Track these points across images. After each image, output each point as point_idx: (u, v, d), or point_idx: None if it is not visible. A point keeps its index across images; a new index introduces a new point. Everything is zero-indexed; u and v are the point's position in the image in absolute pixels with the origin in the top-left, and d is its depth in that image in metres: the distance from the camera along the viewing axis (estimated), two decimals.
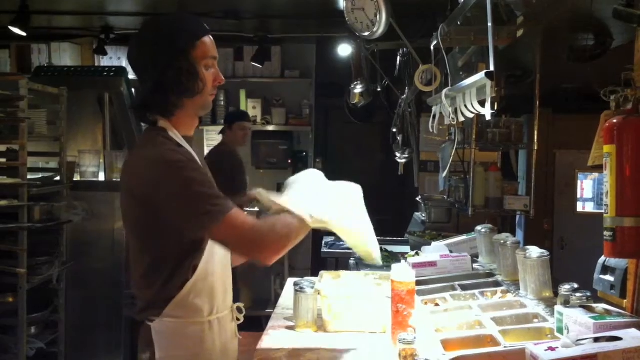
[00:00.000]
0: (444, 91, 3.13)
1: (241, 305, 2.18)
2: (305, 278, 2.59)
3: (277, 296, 3.16)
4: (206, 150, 6.41)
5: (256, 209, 4.81)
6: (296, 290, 2.46)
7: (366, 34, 3.34)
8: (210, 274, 1.97)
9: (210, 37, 1.98)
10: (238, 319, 2.15)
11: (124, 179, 1.99)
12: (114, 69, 4.98)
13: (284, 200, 2.01)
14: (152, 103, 1.97)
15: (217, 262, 1.99)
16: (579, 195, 5.58)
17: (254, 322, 5.79)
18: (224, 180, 2.64)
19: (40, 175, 4.10)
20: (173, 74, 1.91)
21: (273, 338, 2.36)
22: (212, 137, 6.44)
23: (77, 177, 4.41)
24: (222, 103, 6.53)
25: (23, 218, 3.41)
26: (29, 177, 3.62)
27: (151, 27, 2.02)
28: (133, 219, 1.96)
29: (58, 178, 4.12)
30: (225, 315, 2.06)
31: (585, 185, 5.62)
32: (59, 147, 4.09)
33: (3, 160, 3.63)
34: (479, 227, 3.32)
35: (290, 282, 3.04)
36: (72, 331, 4.02)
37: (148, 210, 1.87)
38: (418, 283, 2.33)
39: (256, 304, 6.26)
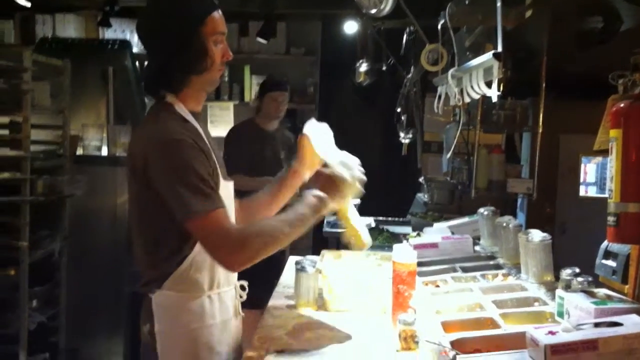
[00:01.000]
0: (450, 71, 3.11)
1: (245, 283, 2.17)
2: (307, 257, 2.59)
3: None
4: (210, 128, 6.40)
5: None
6: (297, 269, 2.46)
7: (373, 11, 3.32)
8: None
9: (219, 12, 1.97)
10: (241, 297, 2.16)
11: (128, 153, 2.01)
12: (118, 42, 4.94)
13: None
14: (160, 78, 1.98)
15: None
16: (582, 180, 5.56)
17: (255, 300, 5.83)
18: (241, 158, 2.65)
19: (43, 148, 4.09)
20: (181, 50, 1.91)
21: (274, 316, 2.37)
22: (216, 114, 6.42)
23: (79, 151, 4.40)
24: (226, 79, 6.49)
25: (25, 191, 3.41)
26: (31, 149, 3.61)
27: (160, 2, 2.01)
28: (134, 193, 1.97)
29: (61, 151, 4.11)
30: (227, 291, 2.06)
31: (589, 169, 5.60)
32: (62, 120, 4.07)
33: (6, 132, 3.61)
34: (481, 210, 3.31)
35: (291, 260, 3.04)
36: (73, 305, 4.03)
37: (148, 185, 1.87)
38: (419, 264, 2.33)
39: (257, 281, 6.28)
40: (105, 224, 4.31)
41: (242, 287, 2.17)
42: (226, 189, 2.02)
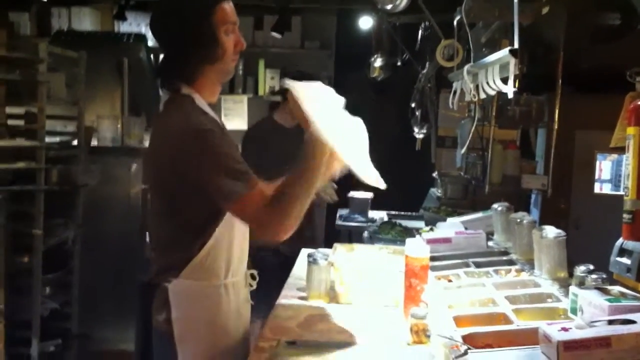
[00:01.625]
0: (466, 67, 3.10)
1: (254, 271, 2.19)
2: (319, 250, 2.60)
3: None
4: (224, 121, 6.40)
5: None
6: (309, 262, 2.46)
7: (389, 6, 3.31)
8: (228, 238, 2.00)
9: (230, 2, 1.97)
10: (251, 285, 2.17)
11: (153, 144, 2.03)
12: (133, 35, 4.96)
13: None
14: (173, 70, 2.00)
15: (236, 226, 2.01)
16: (597, 176, 5.53)
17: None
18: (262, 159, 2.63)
19: (58, 139, 4.11)
20: (193, 40, 1.92)
21: (285, 307, 2.37)
22: (230, 107, 6.42)
23: (94, 142, 4.42)
24: (241, 72, 6.49)
25: (40, 180, 3.43)
26: (46, 140, 3.63)
27: None
28: (160, 183, 1.99)
29: (75, 142, 4.13)
30: (239, 279, 2.09)
31: (604, 166, 5.56)
32: (77, 111, 4.09)
33: (21, 122, 3.64)
34: (495, 205, 3.30)
35: (303, 252, 3.04)
36: (85, 293, 4.06)
37: (176, 176, 1.89)
38: (432, 259, 2.33)
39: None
40: (118, 214, 4.33)
41: (252, 276, 2.19)
42: None
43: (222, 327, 2.02)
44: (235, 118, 6.42)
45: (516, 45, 2.33)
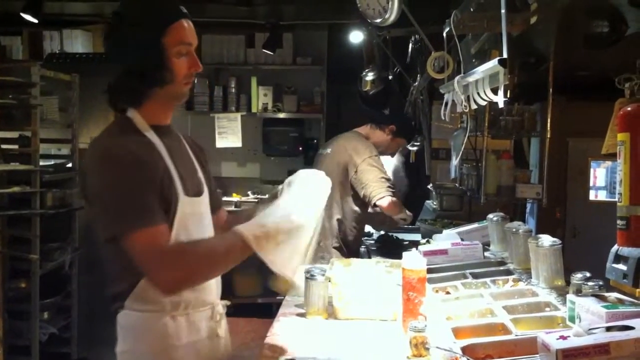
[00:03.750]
0: (457, 78, 3.11)
1: (227, 302, 2.07)
2: (316, 265, 2.60)
3: None
4: (218, 139, 6.41)
5: None
6: (307, 278, 2.46)
7: (378, 20, 3.32)
8: None
9: (187, 21, 1.87)
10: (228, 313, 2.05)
11: (82, 166, 1.96)
12: None
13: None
14: (120, 91, 1.88)
15: None
16: (591, 184, 5.54)
17: (265, 309, 5.83)
18: None
19: (52, 162, 4.12)
20: (140, 62, 1.82)
21: (283, 324, 2.37)
22: (224, 125, 6.43)
23: None
24: (234, 90, 6.51)
25: (35, 204, 3.44)
26: (41, 163, 3.63)
27: (123, 11, 1.88)
28: (89, 206, 1.86)
29: (70, 165, 4.13)
30: (199, 312, 1.93)
31: (598, 174, 5.58)
32: (71, 134, 4.10)
33: (15, 146, 3.64)
34: (490, 215, 3.31)
35: (301, 269, 3.04)
36: (84, 317, 4.04)
37: (90, 197, 1.82)
38: (429, 271, 2.33)
39: (267, 290, 6.27)
40: None
41: (225, 307, 2.05)
42: (190, 205, 1.89)
43: None
44: (230, 136, 6.43)
45: (505, 55, 2.35)
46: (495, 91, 2.67)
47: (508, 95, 2.54)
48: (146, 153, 1.81)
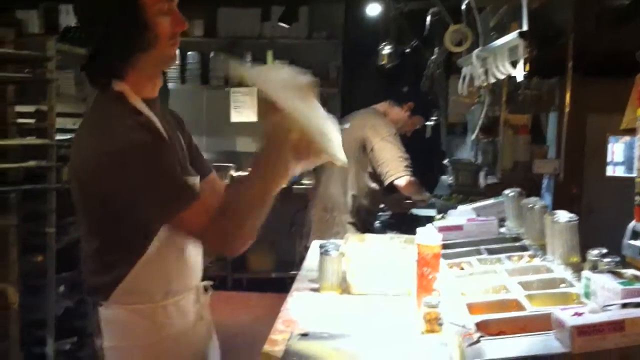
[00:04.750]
0: (475, 52, 3.08)
1: (208, 283, 1.97)
2: (330, 241, 2.59)
3: (302, 258, 3.17)
4: (233, 114, 6.39)
5: None
6: (321, 253, 2.45)
7: None
8: (163, 255, 1.75)
9: None
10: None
11: (73, 154, 1.73)
12: None
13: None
14: (101, 63, 1.70)
15: (172, 241, 1.76)
16: (609, 159, 5.48)
17: (279, 284, 5.86)
18: None
19: (68, 136, 4.12)
20: (117, 25, 1.64)
21: (297, 300, 2.37)
22: (239, 99, 6.42)
23: None
24: (249, 64, 6.48)
25: (51, 178, 3.45)
26: (57, 137, 3.64)
27: None
28: (80, 199, 1.74)
29: None
30: (184, 297, 1.85)
31: (616, 149, 5.51)
32: (86, 108, 4.10)
33: (32, 121, 3.65)
34: (506, 191, 3.27)
35: (315, 244, 3.04)
36: None
37: (97, 192, 1.65)
38: (444, 247, 2.32)
39: (280, 265, 6.30)
40: None
41: (205, 289, 1.96)
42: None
43: (160, 355, 1.79)
44: (245, 110, 6.41)
45: (525, 28, 2.31)
46: (514, 65, 2.64)
47: (527, 69, 2.51)
48: (152, 130, 1.69)
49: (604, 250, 2.05)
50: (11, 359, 3.16)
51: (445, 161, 5.38)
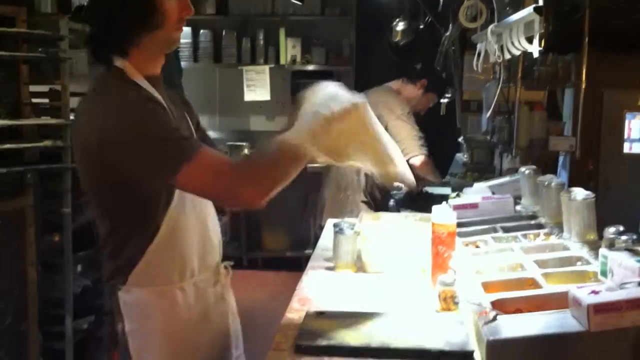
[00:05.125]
0: (490, 27, 3.05)
1: (229, 263, 2.00)
2: (345, 219, 2.59)
3: (317, 237, 3.17)
4: (246, 92, 6.38)
5: None
6: (336, 232, 2.45)
7: None
8: (178, 235, 1.77)
9: None
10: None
11: (75, 131, 1.76)
12: None
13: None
14: (105, 39, 1.72)
15: (188, 219, 1.79)
16: (626, 136, 5.43)
17: (294, 263, 5.88)
18: None
19: None
20: (126, 3, 1.67)
21: (312, 278, 2.37)
22: (252, 77, 6.40)
23: None
24: (262, 42, 6.46)
25: (67, 158, 3.46)
26: (71, 117, 3.64)
27: None
28: (87, 176, 1.75)
29: None
30: (204, 277, 1.88)
31: (633, 125, 5.45)
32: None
33: (46, 100, 3.66)
34: (522, 169, 3.25)
35: (330, 223, 3.04)
36: None
37: (102, 165, 1.66)
38: (459, 225, 2.31)
39: (295, 244, 6.31)
40: None
41: (225, 268, 1.99)
42: None
43: (182, 337, 1.82)
44: (258, 89, 6.40)
45: (541, 3, 2.28)
46: (529, 40, 2.60)
47: (543, 45, 2.48)
48: (151, 99, 1.71)
49: (621, 228, 2.03)
50: (30, 338, 3.19)
51: (460, 139, 5.34)
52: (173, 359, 1.82)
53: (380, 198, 4.14)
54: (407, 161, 3.89)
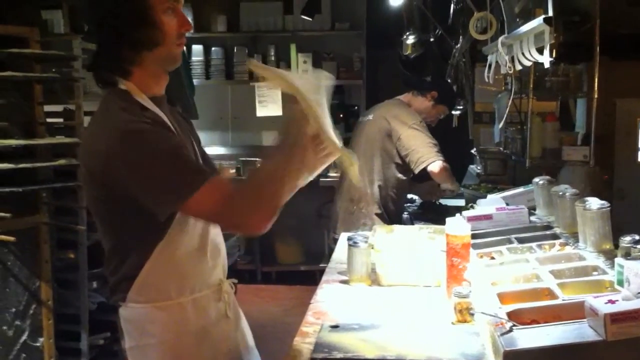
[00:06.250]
0: (500, 39, 3.05)
1: (234, 281, 1.99)
2: (359, 232, 2.59)
3: (331, 250, 3.17)
4: (258, 108, 6.40)
5: None
6: (350, 245, 2.45)
7: None
8: (177, 251, 1.76)
9: None
10: (235, 293, 1.97)
11: (81, 154, 1.78)
12: None
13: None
14: (107, 61, 1.73)
15: (189, 236, 1.78)
16: None
17: (308, 276, 5.87)
18: None
19: None
20: (125, 22, 1.67)
21: (327, 291, 2.37)
22: (264, 94, 6.43)
23: None
24: (273, 58, 6.50)
25: (81, 176, 3.48)
26: None
27: None
28: (92, 197, 1.77)
29: None
30: (205, 294, 1.86)
31: None
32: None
33: (60, 120, 3.69)
34: (536, 179, 3.24)
35: (343, 236, 3.04)
36: None
37: (106, 187, 1.67)
38: (473, 236, 2.30)
39: (309, 258, 6.31)
40: None
41: (232, 286, 1.97)
42: None
43: (179, 353, 1.79)
44: (270, 104, 6.43)
45: (550, 14, 2.28)
46: (540, 51, 2.60)
47: (554, 55, 2.48)
48: (158, 121, 1.71)
49: (637, 237, 2.02)
50: (46, 354, 3.21)
51: (473, 150, 5.33)
52: None
53: (394, 210, 4.13)
54: (425, 169, 3.88)
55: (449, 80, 5.06)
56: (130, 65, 1.73)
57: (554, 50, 2.54)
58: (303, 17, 6.05)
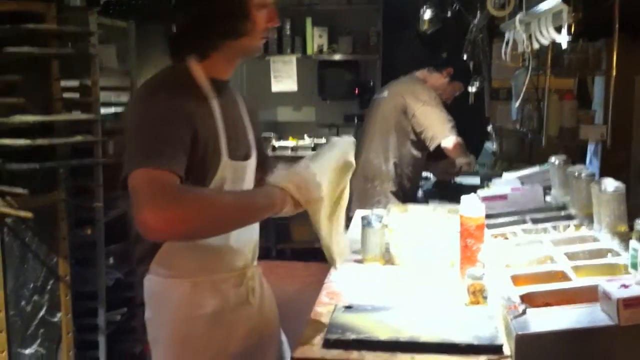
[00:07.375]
0: (518, 16, 3.01)
1: (258, 268, 1.99)
2: (373, 211, 2.59)
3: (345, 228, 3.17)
4: (273, 82, 6.39)
5: None
6: (363, 225, 2.46)
7: None
8: None
9: None
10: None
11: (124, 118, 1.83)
12: None
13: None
14: (190, 41, 1.75)
15: None
16: None
17: (322, 254, 5.87)
18: None
19: (112, 110, 4.17)
20: (219, 10, 1.70)
21: (341, 271, 2.38)
22: (279, 68, 6.40)
23: None
24: (288, 32, 6.46)
25: (97, 153, 3.50)
26: (102, 112, 3.68)
27: None
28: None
29: None
30: (224, 277, 1.85)
31: None
32: (129, 82, 4.13)
33: (76, 95, 3.70)
34: (552, 158, 3.22)
35: (357, 214, 3.05)
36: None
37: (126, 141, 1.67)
38: (487, 217, 2.30)
39: None
40: None
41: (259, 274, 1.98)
42: (233, 168, 1.79)
43: (188, 334, 1.79)
44: (285, 79, 6.41)
45: None
46: (558, 30, 2.57)
47: (572, 34, 2.45)
48: (193, 105, 1.69)
49: None
50: (64, 330, 3.25)
51: (489, 128, 5.30)
52: (179, 353, 1.81)
53: (409, 188, 4.13)
54: (439, 145, 3.88)
55: (465, 57, 5.01)
56: (209, 50, 1.75)
57: (572, 28, 2.50)
58: None
